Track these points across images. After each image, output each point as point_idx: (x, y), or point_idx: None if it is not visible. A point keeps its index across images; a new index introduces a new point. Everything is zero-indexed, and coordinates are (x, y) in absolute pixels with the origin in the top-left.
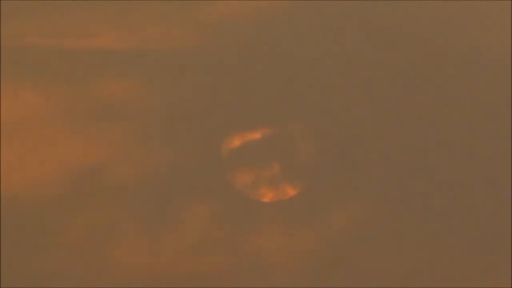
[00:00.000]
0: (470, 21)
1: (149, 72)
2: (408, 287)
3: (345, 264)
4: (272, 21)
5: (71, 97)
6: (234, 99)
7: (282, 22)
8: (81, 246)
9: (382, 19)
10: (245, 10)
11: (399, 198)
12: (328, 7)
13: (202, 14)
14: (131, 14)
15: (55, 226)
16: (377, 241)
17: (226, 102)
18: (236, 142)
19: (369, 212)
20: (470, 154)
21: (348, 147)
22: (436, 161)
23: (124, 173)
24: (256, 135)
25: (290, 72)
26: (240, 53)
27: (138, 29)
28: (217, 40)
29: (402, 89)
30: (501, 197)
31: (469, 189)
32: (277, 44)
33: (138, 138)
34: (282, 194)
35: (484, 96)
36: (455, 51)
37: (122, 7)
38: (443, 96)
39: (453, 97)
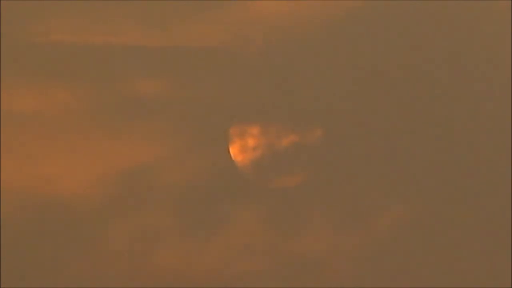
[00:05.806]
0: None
1: (179, 70)
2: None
3: (392, 265)
4: (302, 21)
5: (99, 95)
6: (272, 98)
7: (313, 22)
8: (126, 248)
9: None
10: (274, 8)
11: (445, 199)
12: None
13: (231, 12)
14: (159, 11)
15: (101, 228)
16: (423, 242)
17: (263, 102)
18: (283, 143)
19: (414, 214)
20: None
21: (391, 151)
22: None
23: (168, 174)
24: (303, 138)
25: (320, 71)
26: (269, 52)
27: (167, 26)
28: (246, 38)
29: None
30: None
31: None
32: (307, 43)
33: (176, 138)
34: (327, 197)
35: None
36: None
37: (151, 4)
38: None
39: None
